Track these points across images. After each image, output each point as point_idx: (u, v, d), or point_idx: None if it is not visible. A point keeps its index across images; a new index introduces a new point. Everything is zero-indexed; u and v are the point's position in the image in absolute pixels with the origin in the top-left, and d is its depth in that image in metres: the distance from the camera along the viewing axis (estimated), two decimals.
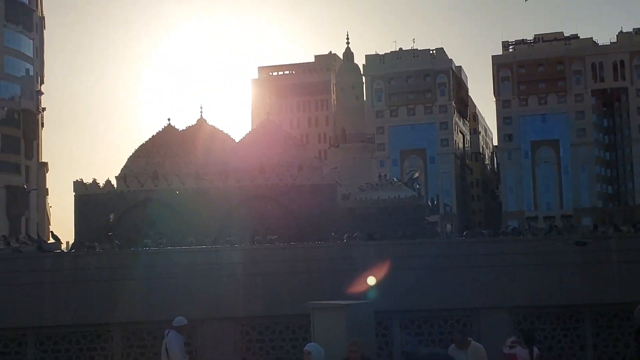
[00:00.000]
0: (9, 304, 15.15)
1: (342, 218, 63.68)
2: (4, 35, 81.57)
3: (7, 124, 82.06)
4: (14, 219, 79.87)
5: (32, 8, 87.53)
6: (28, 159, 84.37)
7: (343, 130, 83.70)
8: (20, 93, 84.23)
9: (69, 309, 15.35)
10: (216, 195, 62.01)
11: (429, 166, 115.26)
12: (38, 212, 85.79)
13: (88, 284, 15.51)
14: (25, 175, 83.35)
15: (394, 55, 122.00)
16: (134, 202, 62.22)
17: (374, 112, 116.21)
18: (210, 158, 67.88)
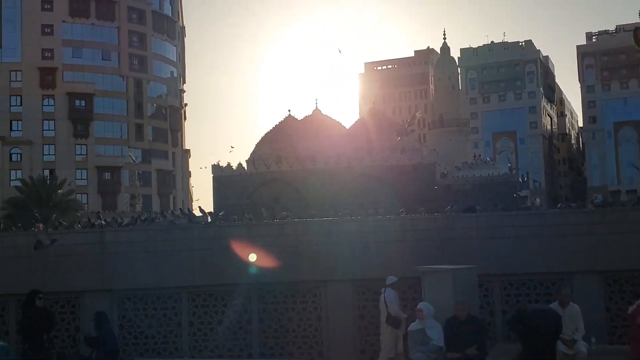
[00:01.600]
0: (166, 267, 15.78)
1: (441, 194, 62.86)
2: (153, 43, 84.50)
3: (157, 117, 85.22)
4: (163, 196, 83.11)
5: (174, 19, 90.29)
6: (174, 146, 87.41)
7: (440, 116, 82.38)
8: (167, 92, 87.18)
9: (215, 271, 15.86)
10: (330, 175, 62.46)
11: (519, 147, 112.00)
12: (183, 191, 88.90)
13: (229, 250, 15.96)
14: (172, 160, 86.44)
15: (486, 47, 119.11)
16: (262, 181, 63.54)
17: (468, 100, 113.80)
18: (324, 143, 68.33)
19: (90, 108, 78.62)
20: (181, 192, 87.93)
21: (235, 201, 58.61)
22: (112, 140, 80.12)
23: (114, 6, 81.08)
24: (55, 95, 77.87)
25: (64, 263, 15.58)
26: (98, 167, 78.50)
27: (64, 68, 78.21)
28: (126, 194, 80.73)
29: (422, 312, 11.92)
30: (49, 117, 77.86)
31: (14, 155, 76.46)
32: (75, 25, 79.26)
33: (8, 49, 77.52)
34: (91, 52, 79.82)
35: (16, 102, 77.54)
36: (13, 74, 77.53)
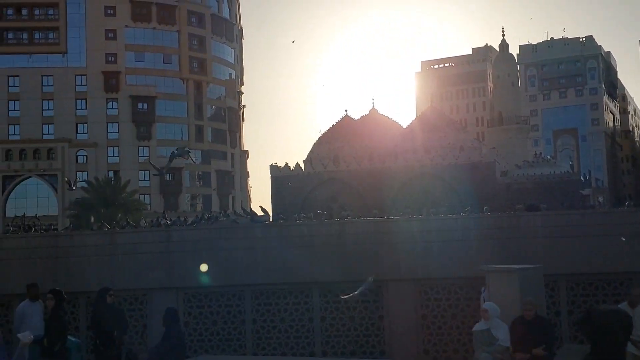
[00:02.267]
0: (230, 265, 15.96)
1: (501, 193, 61.86)
2: (212, 46, 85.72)
3: (216, 119, 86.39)
4: (223, 197, 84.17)
5: (232, 22, 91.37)
6: (232, 147, 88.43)
7: (499, 113, 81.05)
8: (225, 94, 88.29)
9: (277, 269, 15.96)
10: (388, 174, 62.16)
11: (581, 144, 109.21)
12: (241, 192, 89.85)
13: (291, 249, 16.05)
14: (230, 161, 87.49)
15: (546, 44, 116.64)
16: (319, 181, 63.74)
17: (528, 97, 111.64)
18: (381, 142, 68.07)
19: (152, 110, 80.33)
20: (240, 192, 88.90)
21: (294, 201, 58.97)
22: (173, 141, 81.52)
23: (174, 10, 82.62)
24: (118, 99, 79.86)
25: (132, 261, 15.94)
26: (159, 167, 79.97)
27: (126, 72, 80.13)
28: (187, 194, 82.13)
29: (488, 312, 11.72)
30: (113, 120, 79.91)
31: (80, 157, 78.76)
32: (137, 29, 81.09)
33: (73, 54, 79.88)
34: (152, 56, 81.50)
35: (82, 105, 79.84)
36: (78, 78, 79.85)
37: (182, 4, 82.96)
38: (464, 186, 61.86)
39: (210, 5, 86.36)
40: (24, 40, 79.92)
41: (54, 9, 80.00)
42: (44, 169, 76.87)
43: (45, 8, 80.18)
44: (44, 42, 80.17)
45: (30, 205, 73.03)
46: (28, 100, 78.10)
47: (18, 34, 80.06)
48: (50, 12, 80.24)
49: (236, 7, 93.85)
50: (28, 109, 78.05)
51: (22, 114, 78.32)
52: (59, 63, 79.41)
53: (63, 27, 79.61)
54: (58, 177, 76.99)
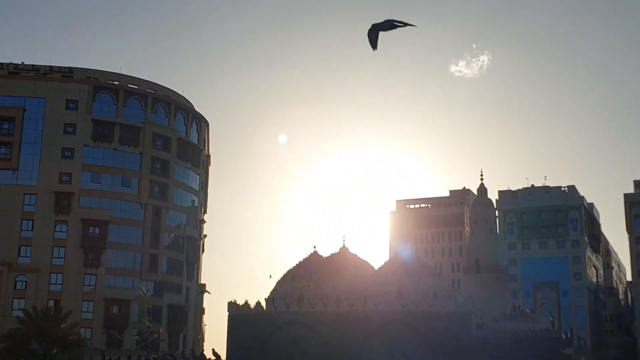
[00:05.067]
0: None
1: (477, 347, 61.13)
2: (175, 171, 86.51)
3: (173, 248, 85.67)
4: (173, 334, 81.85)
5: (200, 147, 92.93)
6: (189, 280, 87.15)
7: (476, 260, 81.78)
8: (186, 221, 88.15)
9: None
10: (356, 319, 61.38)
11: (562, 299, 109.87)
12: (195, 330, 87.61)
13: None
14: (185, 295, 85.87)
15: (526, 191, 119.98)
16: (281, 322, 62.59)
17: (506, 245, 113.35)
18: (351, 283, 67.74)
19: (104, 236, 79.44)
20: (193, 330, 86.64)
21: (251, 343, 57.54)
22: (124, 271, 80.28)
23: (139, 132, 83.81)
24: (68, 221, 79.04)
25: None
26: (106, 299, 78.16)
27: (80, 193, 79.88)
28: (134, 330, 79.74)
29: None
30: (60, 244, 78.66)
31: (19, 283, 76.67)
32: (97, 149, 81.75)
33: (25, 172, 79.80)
34: (110, 178, 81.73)
35: (27, 226, 78.78)
36: (27, 197, 79.33)
37: (149, 126, 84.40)
38: (437, 338, 61.26)
39: (178, 129, 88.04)
40: None
41: (10, 123, 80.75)
42: None
43: (0, 121, 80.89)
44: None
45: None
46: None
47: None
48: (6, 126, 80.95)
49: (205, 131, 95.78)
50: None
51: None
52: (8, 180, 79.10)
53: (17, 143, 79.98)
54: None
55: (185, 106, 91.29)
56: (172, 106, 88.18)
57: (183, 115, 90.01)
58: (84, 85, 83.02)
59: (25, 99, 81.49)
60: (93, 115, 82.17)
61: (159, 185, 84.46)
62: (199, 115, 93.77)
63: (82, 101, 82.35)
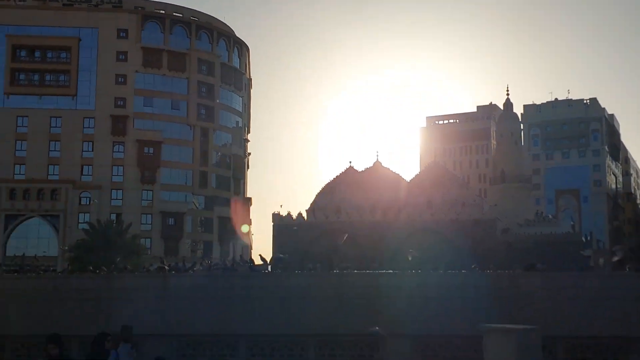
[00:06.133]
0: (226, 314, 15.79)
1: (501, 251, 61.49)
2: (220, 94, 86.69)
3: (221, 166, 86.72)
4: (224, 243, 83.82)
5: (242, 71, 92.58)
6: (236, 194, 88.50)
7: (502, 171, 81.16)
8: (231, 141, 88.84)
9: (274, 320, 15.78)
10: (389, 228, 61.94)
11: (583, 205, 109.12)
12: (243, 239, 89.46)
13: (289, 299, 15.90)
14: (233, 207, 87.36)
15: (550, 104, 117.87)
16: (320, 231, 63.51)
17: (531, 156, 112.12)
18: (384, 195, 68.04)
19: (157, 155, 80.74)
20: (241, 239, 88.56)
21: (294, 250, 58.65)
22: (177, 186, 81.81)
23: (185, 58, 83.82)
24: (125, 142, 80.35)
25: (128, 306, 15.81)
26: (162, 212, 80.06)
27: (134, 116, 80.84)
28: (188, 239, 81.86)
29: None
30: (119, 163, 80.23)
31: (84, 199, 78.78)
32: (147, 75, 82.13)
33: (83, 97, 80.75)
34: (161, 102, 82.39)
35: (88, 147, 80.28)
36: (87, 120, 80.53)
37: (193, 52, 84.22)
38: (464, 243, 61.56)
39: (221, 54, 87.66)
40: (35, 81, 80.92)
41: (67, 52, 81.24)
42: (46, 210, 76.86)
43: (58, 51, 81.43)
44: (54, 84, 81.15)
45: (31, 245, 72.77)
46: (35, 140, 78.63)
47: (30, 75, 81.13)
48: (63, 55, 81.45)
49: (246, 56, 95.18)
50: (34, 150, 78.50)
51: (28, 154, 78.75)
52: (68, 105, 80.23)
53: (74, 71, 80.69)
54: (60, 218, 76.92)
55: (226, 32, 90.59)
56: (215, 33, 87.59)
57: (225, 41, 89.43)
58: (133, 15, 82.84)
59: (79, 29, 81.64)
60: (142, 43, 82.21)
61: (205, 107, 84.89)
62: (239, 40, 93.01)
63: (131, 30, 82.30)
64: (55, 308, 15.77)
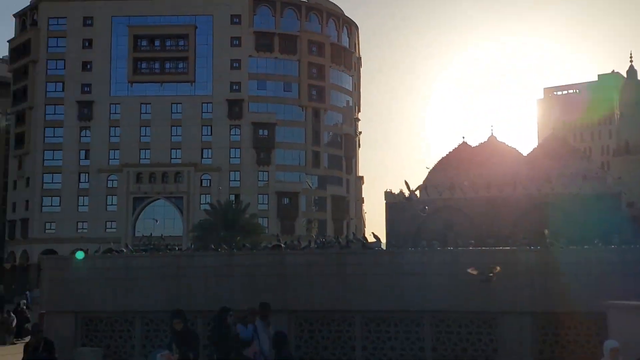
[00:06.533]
0: (341, 291, 15.97)
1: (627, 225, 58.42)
2: (330, 74, 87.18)
3: (332, 145, 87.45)
4: (337, 222, 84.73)
5: (351, 50, 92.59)
6: (348, 173, 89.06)
7: (626, 142, 76.89)
8: (342, 120, 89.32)
9: (389, 297, 15.80)
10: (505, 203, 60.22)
11: None
12: (356, 217, 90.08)
13: (404, 276, 15.86)
14: (346, 187, 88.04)
15: None
16: (434, 208, 62.71)
17: None
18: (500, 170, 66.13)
19: (272, 137, 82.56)
20: (354, 218, 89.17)
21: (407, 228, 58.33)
22: (291, 167, 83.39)
23: (296, 40, 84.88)
24: (241, 125, 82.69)
25: (248, 283, 16.29)
26: (278, 192, 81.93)
27: (249, 99, 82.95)
28: (303, 218, 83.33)
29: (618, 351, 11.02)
30: (236, 146, 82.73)
31: (204, 181, 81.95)
32: (260, 59, 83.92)
33: (200, 83, 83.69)
34: (274, 84, 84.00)
35: (207, 131, 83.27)
36: (205, 105, 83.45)
37: (304, 34, 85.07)
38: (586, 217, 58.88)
39: (330, 34, 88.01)
40: (156, 69, 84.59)
41: (184, 40, 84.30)
42: (171, 192, 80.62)
43: (176, 39, 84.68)
44: (174, 72, 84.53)
45: (158, 225, 76.62)
46: (158, 126, 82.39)
47: (151, 64, 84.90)
48: (181, 43, 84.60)
49: (355, 35, 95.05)
50: (158, 135, 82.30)
51: (152, 140, 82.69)
52: (187, 91, 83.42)
53: (192, 58, 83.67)
54: (184, 200, 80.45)
55: (335, 12, 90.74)
56: (324, 13, 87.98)
57: (334, 21, 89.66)
58: (245, 0, 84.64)
59: (195, 17, 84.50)
60: (254, 27, 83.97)
61: (316, 88, 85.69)
62: (348, 20, 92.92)
63: (244, 15, 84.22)
64: (180, 285, 16.52)
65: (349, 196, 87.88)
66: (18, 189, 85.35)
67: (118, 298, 16.72)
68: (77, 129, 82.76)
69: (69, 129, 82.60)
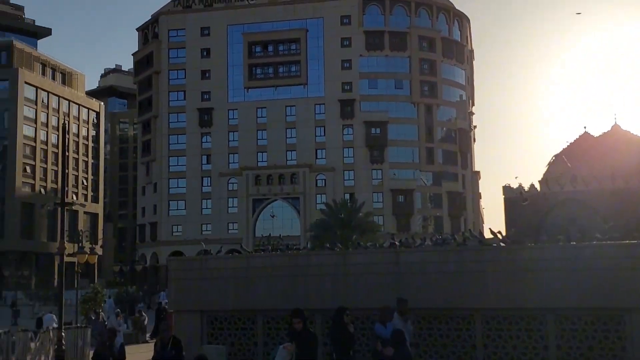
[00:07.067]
0: (459, 289, 15.72)
1: None
2: (442, 69, 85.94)
3: (446, 141, 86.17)
4: (454, 218, 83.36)
5: (463, 44, 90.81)
6: (463, 169, 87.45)
7: None
8: (456, 115, 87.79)
9: (508, 294, 15.37)
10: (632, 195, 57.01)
11: None
12: (473, 213, 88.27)
13: (523, 273, 15.38)
14: (462, 182, 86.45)
15: None
16: (555, 202, 60.27)
17: None
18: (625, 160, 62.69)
19: (384, 135, 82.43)
20: (472, 213, 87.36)
21: (528, 223, 56.45)
22: (405, 164, 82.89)
23: (405, 37, 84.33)
24: (353, 125, 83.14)
25: (364, 281, 16.35)
26: (392, 190, 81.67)
27: (361, 99, 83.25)
28: (419, 215, 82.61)
29: None
30: (348, 145, 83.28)
31: (319, 181, 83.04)
32: (370, 58, 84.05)
33: (313, 85, 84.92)
34: (385, 82, 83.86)
35: (320, 132, 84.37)
36: (317, 107, 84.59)
37: (414, 30, 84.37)
38: None
39: (441, 28, 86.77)
40: (270, 74, 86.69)
41: (296, 44, 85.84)
42: (288, 193, 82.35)
43: (288, 44, 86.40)
44: (287, 76, 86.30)
45: (276, 226, 78.49)
46: (274, 129, 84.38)
47: (265, 69, 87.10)
48: (293, 47, 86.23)
49: (467, 28, 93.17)
50: (274, 138, 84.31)
51: (269, 142, 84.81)
52: (300, 94, 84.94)
53: (304, 61, 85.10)
54: (300, 200, 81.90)
55: (445, 6, 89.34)
56: (434, 8, 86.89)
57: (444, 15, 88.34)
58: (355, 1, 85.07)
59: (306, 21, 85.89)
60: (364, 27, 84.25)
61: (428, 84, 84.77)
62: (459, 12, 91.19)
63: (354, 15, 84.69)
64: (297, 284, 16.84)
65: (465, 192, 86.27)
66: (146, 194, 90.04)
67: (240, 297, 17.23)
68: (198, 135, 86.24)
69: (191, 136, 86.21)
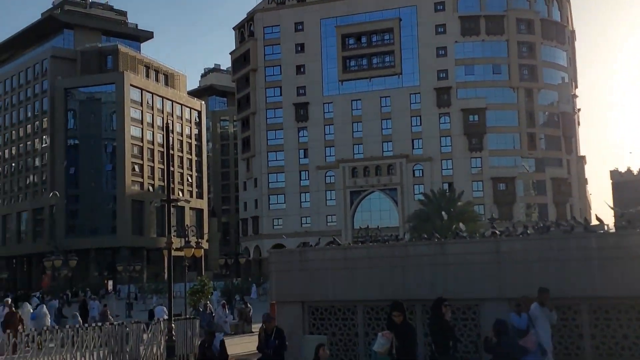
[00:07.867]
0: (563, 277, 15.23)
1: None
2: (542, 51, 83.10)
3: (549, 125, 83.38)
4: (560, 205, 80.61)
5: (563, 24, 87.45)
6: (568, 154, 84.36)
7: None
8: (558, 99, 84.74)
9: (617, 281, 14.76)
10: None
11: None
12: (580, 199, 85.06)
13: (632, 260, 14.70)
14: (567, 168, 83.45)
15: None
16: None
17: None
18: None
19: (483, 122, 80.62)
20: (578, 200, 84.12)
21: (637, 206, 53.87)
22: (505, 151, 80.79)
23: (502, 20, 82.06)
24: (450, 113, 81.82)
25: (463, 271, 16.10)
26: (493, 178, 79.82)
27: (457, 86, 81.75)
28: (521, 203, 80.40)
29: None
30: (446, 134, 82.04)
31: (417, 171, 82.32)
32: (466, 44, 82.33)
33: (407, 74, 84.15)
34: (482, 68, 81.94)
35: (416, 122, 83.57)
36: (413, 96, 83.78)
37: (511, 12, 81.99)
38: None
39: (539, 9, 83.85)
40: (364, 66, 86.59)
41: (389, 34, 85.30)
42: (385, 184, 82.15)
43: (381, 34, 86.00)
44: (381, 66, 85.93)
45: (374, 217, 78.53)
46: (369, 121, 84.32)
47: (359, 61, 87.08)
48: (387, 37, 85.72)
49: (567, 8, 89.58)
50: (369, 129, 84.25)
51: (364, 134, 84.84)
52: (395, 84, 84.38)
53: (398, 50, 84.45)
54: (398, 191, 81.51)
55: None
56: None
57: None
58: None
59: (399, 10, 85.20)
60: (459, 12, 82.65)
61: (527, 67, 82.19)
62: None
63: (448, 1, 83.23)
64: (395, 274, 16.82)
65: (570, 177, 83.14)
66: (248, 190, 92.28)
67: (339, 288, 17.38)
68: (295, 130, 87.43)
69: (288, 131, 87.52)
